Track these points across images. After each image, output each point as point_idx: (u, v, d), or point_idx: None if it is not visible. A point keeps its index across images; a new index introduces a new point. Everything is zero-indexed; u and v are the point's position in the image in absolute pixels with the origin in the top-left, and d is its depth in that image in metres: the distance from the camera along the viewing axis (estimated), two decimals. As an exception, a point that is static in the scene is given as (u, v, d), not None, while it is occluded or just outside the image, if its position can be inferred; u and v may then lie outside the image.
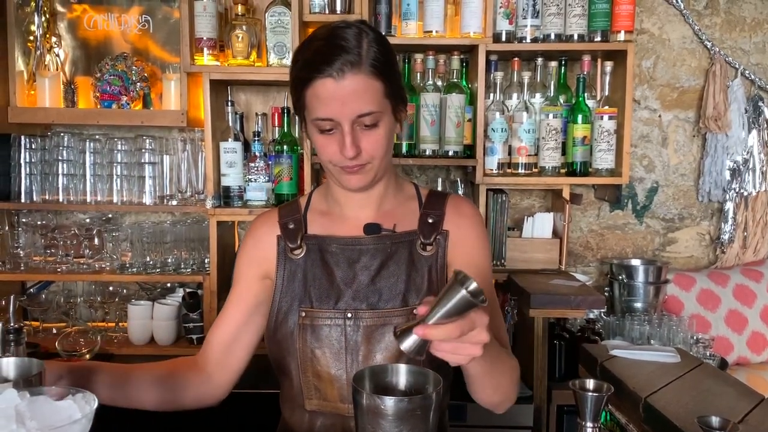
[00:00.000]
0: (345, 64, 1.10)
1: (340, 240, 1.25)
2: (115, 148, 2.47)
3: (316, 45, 1.14)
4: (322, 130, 1.16)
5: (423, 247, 1.25)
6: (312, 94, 1.14)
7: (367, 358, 1.19)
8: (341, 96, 1.11)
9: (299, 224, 1.28)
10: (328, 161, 1.18)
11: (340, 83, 1.10)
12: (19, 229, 2.52)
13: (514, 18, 2.38)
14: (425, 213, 1.28)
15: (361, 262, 1.23)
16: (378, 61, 1.13)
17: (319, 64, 1.11)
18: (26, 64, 2.52)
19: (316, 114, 1.14)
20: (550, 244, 2.51)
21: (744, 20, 2.71)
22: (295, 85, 1.17)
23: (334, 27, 1.15)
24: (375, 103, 1.13)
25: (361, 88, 1.12)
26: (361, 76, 1.11)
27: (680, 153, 2.77)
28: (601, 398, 0.99)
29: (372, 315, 1.20)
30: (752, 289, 2.58)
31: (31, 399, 0.80)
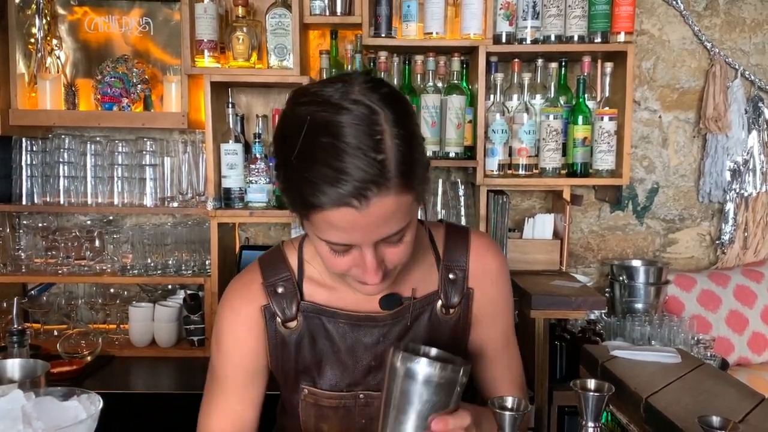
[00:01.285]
0: (368, 186, 0.84)
1: (350, 316, 1.06)
2: (116, 150, 2.47)
3: (319, 148, 0.85)
4: (333, 249, 0.93)
5: (445, 310, 1.10)
6: (323, 219, 0.88)
7: None
8: (364, 224, 0.87)
9: (293, 289, 1.07)
10: (339, 274, 0.98)
11: (363, 212, 0.85)
12: (20, 232, 2.52)
13: (514, 19, 2.39)
14: (447, 267, 1.11)
15: (375, 338, 1.07)
16: (406, 165, 0.87)
17: (329, 187, 0.84)
18: (27, 67, 2.52)
19: (327, 238, 0.91)
20: (550, 245, 2.52)
21: (744, 21, 2.72)
22: (295, 195, 0.90)
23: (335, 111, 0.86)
24: (405, 218, 0.91)
25: (389, 211, 0.88)
26: (391, 197, 0.86)
27: (680, 154, 2.78)
28: (603, 398, 0.99)
29: None
30: (753, 289, 2.59)
31: (37, 400, 0.80)
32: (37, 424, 0.74)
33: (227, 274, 2.48)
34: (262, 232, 2.76)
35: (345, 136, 0.84)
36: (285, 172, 0.91)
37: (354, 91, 0.88)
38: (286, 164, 0.89)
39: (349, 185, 0.83)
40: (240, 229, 2.72)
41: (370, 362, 1.08)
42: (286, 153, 0.89)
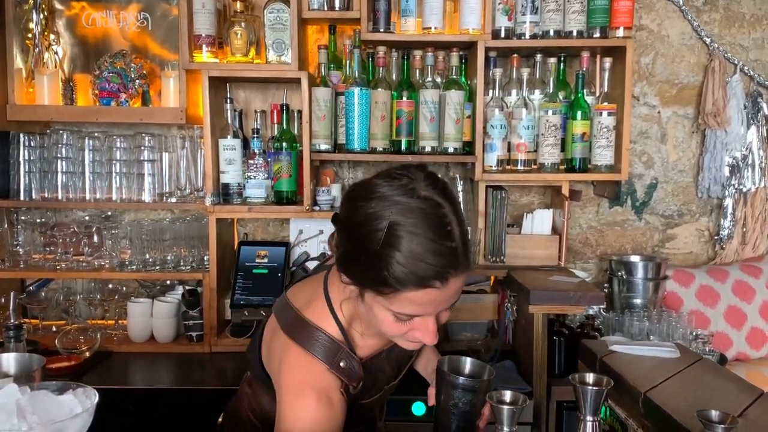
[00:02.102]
0: (447, 270, 1.01)
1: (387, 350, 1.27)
2: (114, 146, 2.47)
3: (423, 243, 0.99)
4: (398, 318, 1.07)
5: None
6: (406, 299, 1.03)
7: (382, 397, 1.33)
8: (442, 300, 1.05)
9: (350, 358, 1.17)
10: (392, 336, 1.13)
11: (443, 290, 1.02)
12: (19, 227, 2.52)
13: (513, 14, 2.38)
14: None
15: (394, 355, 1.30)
16: (467, 250, 1.05)
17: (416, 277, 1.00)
18: (25, 62, 2.52)
19: (402, 311, 1.05)
20: (549, 240, 2.52)
21: (743, 16, 2.71)
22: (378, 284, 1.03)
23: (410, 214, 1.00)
24: (460, 293, 1.09)
25: (458, 288, 1.06)
26: (462, 276, 1.05)
27: (679, 149, 2.78)
28: (601, 392, 0.99)
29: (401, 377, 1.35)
30: (751, 285, 2.59)
31: (32, 394, 0.80)
32: (32, 418, 0.74)
33: (226, 269, 2.48)
34: (261, 227, 2.75)
35: (424, 230, 0.99)
36: (366, 262, 1.03)
37: (420, 188, 1.03)
38: (365, 256, 1.02)
39: (433, 270, 0.99)
40: (238, 225, 2.72)
41: (395, 363, 1.31)
42: (365, 246, 1.02)
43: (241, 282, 2.43)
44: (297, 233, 2.60)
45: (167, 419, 2.06)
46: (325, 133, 2.41)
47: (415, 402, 2.08)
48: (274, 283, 2.41)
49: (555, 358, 2.23)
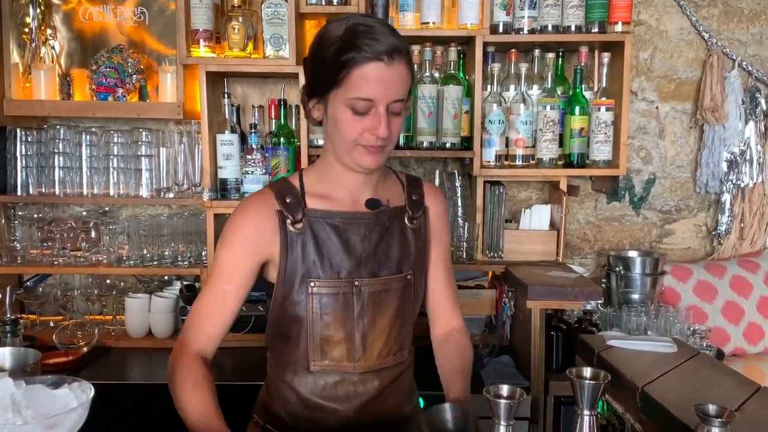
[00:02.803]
0: (394, 50, 1.19)
1: (343, 214, 1.33)
2: (112, 141, 2.46)
3: (361, 30, 1.20)
4: (356, 110, 1.22)
5: (411, 221, 1.41)
6: (359, 74, 1.19)
7: (372, 320, 1.33)
8: (387, 80, 1.20)
9: (298, 199, 1.32)
10: (353, 140, 1.24)
11: (389, 67, 1.19)
12: (16, 223, 2.51)
13: (511, 9, 2.37)
14: (410, 192, 1.43)
15: (362, 234, 1.33)
16: (409, 54, 1.26)
17: (371, 47, 1.18)
18: (21, 57, 2.51)
19: (357, 94, 1.20)
20: (547, 236, 2.51)
21: (741, 11, 2.71)
22: (336, 65, 1.20)
23: (364, 18, 1.24)
24: (406, 91, 1.25)
25: (402, 76, 1.22)
26: (404, 64, 1.22)
27: (677, 144, 2.78)
28: (598, 386, 0.99)
29: (374, 282, 1.33)
30: (749, 280, 2.59)
31: (27, 388, 0.80)
32: (27, 412, 0.74)
33: (223, 265, 2.48)
34: (259, 223, 2.74)
35: (378, 27, 1.21)
36: (335, 48, 1.20)
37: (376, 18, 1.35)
38: (325, 53, 1.21)
39: (383, 46, 1.18)
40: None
41: (359, 255, 1.33)
42: (336, 36, 1.21)
43: (239, 277, 2.42)
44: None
45: (165, 414, 2.05)
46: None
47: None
48: (271, 278, 2.41)
49: (553, 353, 2.23)
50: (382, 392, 1.38)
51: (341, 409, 1.35)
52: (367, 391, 1.36)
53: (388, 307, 1.35)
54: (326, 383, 1.34)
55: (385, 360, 1.37)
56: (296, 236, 1.30)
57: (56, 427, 0.73)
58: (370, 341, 1.33)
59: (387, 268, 1.35)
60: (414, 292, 1.39)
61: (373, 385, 1.36)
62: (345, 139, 1.25)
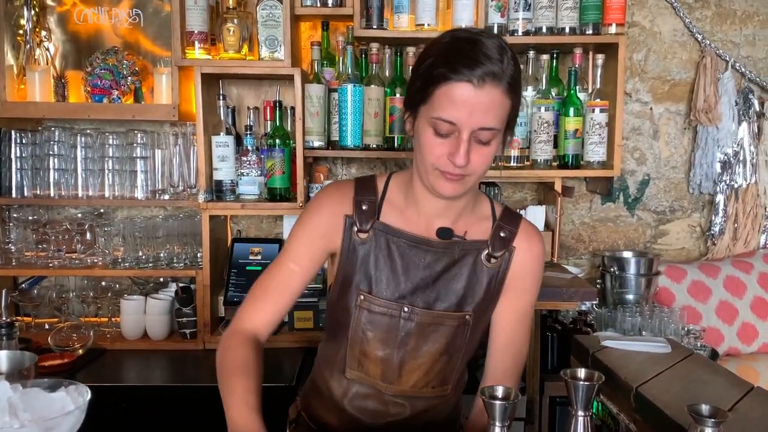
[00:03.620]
0: (488, 73, 1.10)
1: (411, 237, 1.28)
2: (107, 143, 2.46)
3: (461, 46, 1.13)
4: (437, 131, 1.15)
5: (488, 259, 1.30)
6: (443, 92, 1.13)
7: (414, 350, 1.28)
8: (474, 104, 1.11)
9: (373, 208, 1.29)
10: (432, 163, 1.18)
11: (477, 91, 1.10)
12: (11, 225, 2.51)
13: (505, 11, 2.38)
14: (499, 226, 1.32)
15: (426, 261, 1.28)
16: (514, 81, 1.14)
17: (462, 66, 1.10)
18: (16, 59, 2.50)
19: (440, 114, 1.13)
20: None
21: (734, 13, 2.72)
22: (427, 79, 1.15)
23: (477, 33, 1.15)
24: (499, 120, 1.15)
25: (494, 102, 1.12)
26: (499, 90, 1.12)
27: (671, 145, 2.79)
28: (592, 387, 1.00)
29: (426, 313, 1.27)
30: (743, 280, 2.60)
31: (23, 391, 0.80)
32: (24, 415, 0.74)
33: (219, 266, 2.48)
34: (254, 224, 2.75)
35: (482, 44, 1.12)
36: (427, 63, 1.16)
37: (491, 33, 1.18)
38: (429, 57, 1.16)
39: (477, 67, 1.10)
40: (231, 222, 2.72)
41: (418, 282, 1.27)
42: (432, 50, 1.16)
43: (235, 279, 2.43)
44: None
45: (161, 416, 2.06)
46: (319, 130, 2.41)
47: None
48: (267, 280, 2.41)
49: (548, 353, 2.24)
50: (413, 418, 1.34)
51: (367, 422, 1.33)
52: (395, 414, 1.33)
53: (436, 342, 1.28)
54: (358, 392, 1.33)
55: (421, 390, 1.32)
56: (359, 244, 1.28)
57: (53, 430, 0.73)
58: (407, 369, 1.29)
59: (445, 302, 1.28)
60: (471, 333, 1.31)
61: (403, 411, 1.33)
62: (424, 161, 1.19)
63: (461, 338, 1.30)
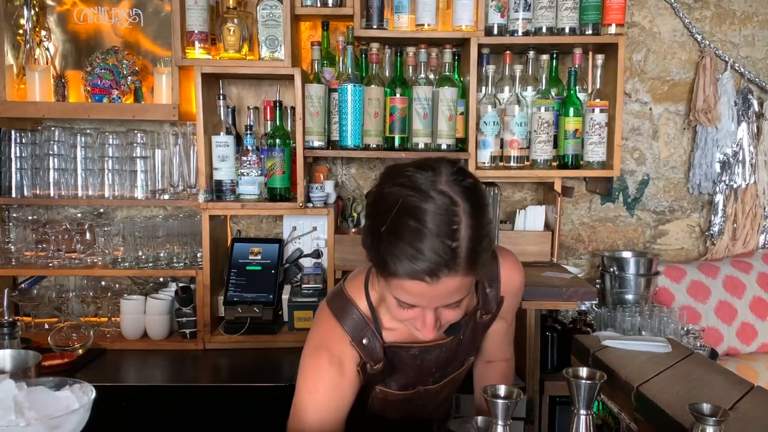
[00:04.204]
0: (440, 268, 1.02)
1: (422, 347, 1.28)
2: (107, 143, 2.46)
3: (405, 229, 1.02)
4: (401, 304, 1.12)
5: (481, 316, 1.34)
6: (399, 285, 1.07)
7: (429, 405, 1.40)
8: (431, 296, 1.07)
9: (374, 337, 1.24)
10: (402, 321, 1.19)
11: (432, 287, 1.04)
12: (10, 224, 2.51)
13: (505, 11, 2.39)
14: (483, 284, 1.32)
15: (437, 355, 1.31)
16: (474, 253, 1.04)
17: (411, 263, 1.02)
18: (16, 58, 2.50)
19: (400, 297, 1.10)
20: (542, 236, 2.53)
21: (734, 13, 2.73)
22: (380, 263, 1.08)
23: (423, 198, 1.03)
24: (465, 292, 1.11)
25: (454, 288, 1.07)
26: (457, 278, 1.05)
27: (671, 146, 2.79)
28: (595, 386, 1.00)
29: (439, 385, 1.36)
30: (742, 280, 2.61)
31: (29, 390, 0.80)
32: (30, 413, 0.74)
33: (219, 266, 2.48)
34: (254, 224, 2.75)
35: (427, 223, 1.01)
36: (373, 241, 1.08)
37: (441, 182, 1.04)
38: (374, 235, 1.07)
39: (425, 264, 1.01)
40: (231, 221, 2.71)
41: (432, 370, 1.32)
42: (376, 226, 1.07)
43: (235, 279, 2.43)
44: (290, 230, 2.60)
45: (161, 416, 2.06)
46: (319, 130, 2.41)
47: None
48: (267, 280, 2.41)
49: (547, 353, 2.24)
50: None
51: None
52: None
53: (449, 392, 1.43)
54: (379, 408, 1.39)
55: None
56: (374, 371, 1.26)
57: (58, 428, 0.73)
58: (426, 412, 1.42)
59: (454, 367, 1.37)
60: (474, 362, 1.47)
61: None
62: (395, 317, 1.19)
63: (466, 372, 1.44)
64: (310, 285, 2.43)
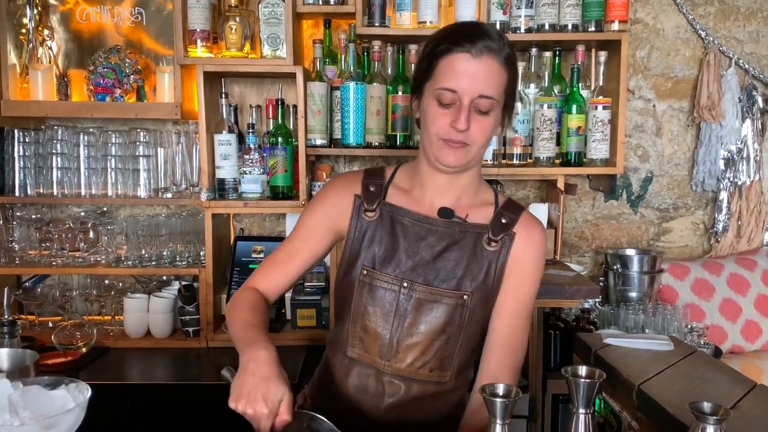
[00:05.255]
0: (486, 47, 1.23)
1: (414, 215, 1.36)
2: (110, 141, 2.46)
3: (464, 26, 1.34)
4: (441, 102, 1.26)
5: (489, 242, 1.35)
6: (446, 64, 1.25)
7: (412, 326, 1.33)
8: (473, 72, 1.23)
9: (380, 190, 1.38)
10: (436, 134, 1.28)
11: (476, 61, 1.23)
12: (14, 223, 2.51)
13: (508, 8, 2.38)
14: (500, 213, 1.37)
15: (428, 240, 1.34)
16: (510, 58, 1.28)
17: (463, 40, 1.24)
18: (19, 57, 2.51)
19: (443, 84, 1.25)
20: (545, 234, 2.51)
21: (738, 9, 2.71)
22: (431, 54, 1.28)
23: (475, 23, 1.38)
24: (497, 90, 1.26)
25: (492, 72, 1.24)
26: (496, 62, 1.24)
27: (674, 143, 2.78)
28: (593, 385, 1.00)
29: (425, 290, 1.33)
30: (746, 278, 2.60)
31: (24, 389, 0.80)
32: (24, 413, 0.74)
33: (222, 265, 2.49)
34: (257, 222, 2.75)
35: (482, 26, 1.30)
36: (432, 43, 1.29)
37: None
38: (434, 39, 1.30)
39: (476, 40, 1.23)
40: (234, 220, 2.72)
41: (419, 260, 1.34)
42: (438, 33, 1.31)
43: (238, 277, 2.43)
44: (293, 228, 2.60)
45: (164, 414, 2.06)
46: (321, 128, 2.41)
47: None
48: (270, 278, 2.41)
49: (550, 351, 2.24)
50: (409, 402, 1.36)
51: (366, 404, 1.38)
52: (392, 394, 1.36)
53: (433, 320, 1.32)
54: (358, 372, 1.38)
55: (419, 372, 1.35)
56: (366, 223, 1.36)
57: (54, 427, 0.73)
58: (404, 346, 1.33)
59: (444, 280, 1.33)
60: (469, 316, 1.33)
61: (399, 391, 1.36)
62: (430, 133, 1.29)
63: (459, 320, 1.33)
64: (312, 283, 2.43)
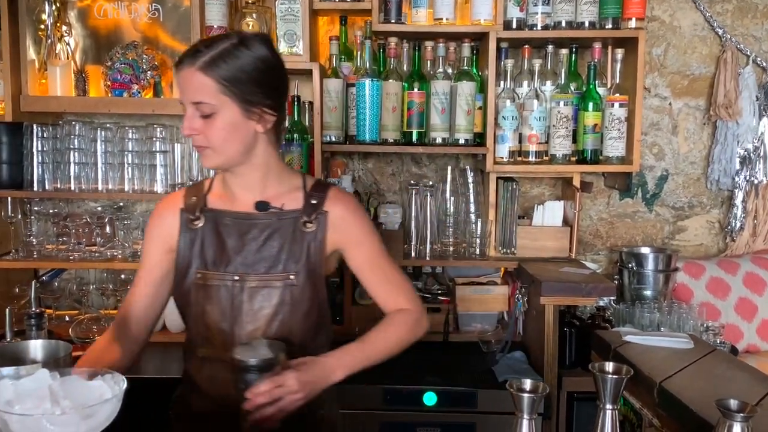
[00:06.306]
0: (189, 55, 1.32)
1: (234, 214, 1.45)
2: (126, 137, 2.47)
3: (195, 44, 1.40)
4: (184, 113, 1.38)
5: (305, 225, 1.44)
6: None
7: (249, 314, 1.41)
8: (181, 83, 1.34)
9: (201, 199, 1.47)
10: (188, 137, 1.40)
11: (180, 74, 1.33)
12: (32, 218, 2.53)
13: (524, 5, 2.37)
14: (309, 194, 1.47)
15: (251, 234, 1.43)
16: (213, 64, 1.31)
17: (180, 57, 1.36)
18: (37, 53, 2.52)
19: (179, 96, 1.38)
20: (560, 232, 2.52)
21: (756, 7, 2.70)
22: None
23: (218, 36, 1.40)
24: (208, 97, 1.32)
25: (192, 82, 1.32)
26: (194, 69, 1.31)
27: (690, 141, 2.77)
28: (621, 380, 1.00)
29: (255, 278, 1.41)
30: (762, 277, 2.58)
31: (63, 379, 0.81)
32: (64, 402, 0.75)
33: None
34: (272, 218, 2.76)
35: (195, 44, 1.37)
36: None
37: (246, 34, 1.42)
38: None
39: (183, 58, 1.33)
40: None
41: (246, 253, 1.42)
42: None
43: (253, 272, 2.44)
44: None
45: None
46: (336, 125, 2.42)
47: (427, 392, 2.09)
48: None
49: (566, 349, 2.24)
50: None
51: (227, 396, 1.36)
52: None
53: (267, 304, 1.41)
54: (211, 367, 1.44)
55: None
56: (192, 231, 1.44)
57: (92, 417, 0.74)
58: (246, 333, 1.41)
59: (272, 268, 1.41)
60: (300, 292, 1.42)
61: None
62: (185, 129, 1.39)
63: (291, 298, 1.42)
64: (327, 279, 2.44)
